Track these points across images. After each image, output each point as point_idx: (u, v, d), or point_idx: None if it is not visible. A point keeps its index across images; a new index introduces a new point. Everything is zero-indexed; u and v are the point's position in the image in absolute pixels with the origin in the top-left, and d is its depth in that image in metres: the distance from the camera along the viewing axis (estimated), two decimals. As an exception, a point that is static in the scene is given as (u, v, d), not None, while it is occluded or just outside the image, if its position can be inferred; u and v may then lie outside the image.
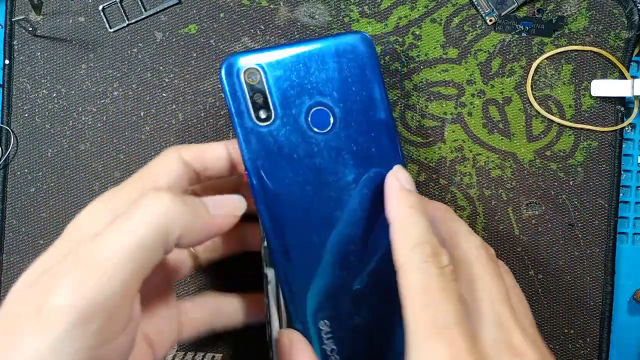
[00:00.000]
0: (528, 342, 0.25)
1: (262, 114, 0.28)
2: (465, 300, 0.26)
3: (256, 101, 0.27)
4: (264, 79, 0.28)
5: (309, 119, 0.28)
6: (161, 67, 0.36)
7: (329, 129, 0.28)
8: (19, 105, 0.36)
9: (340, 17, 0.37)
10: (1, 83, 0.36)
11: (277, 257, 0.28)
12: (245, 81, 0.27)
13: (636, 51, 0.38)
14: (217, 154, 0.28)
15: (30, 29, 0.35)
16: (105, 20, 0.36)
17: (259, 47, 0.37)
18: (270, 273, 0.29)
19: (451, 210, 0.30)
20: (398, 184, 0.28)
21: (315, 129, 0.28)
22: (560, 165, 0.38)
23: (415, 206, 0.27)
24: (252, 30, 0.37)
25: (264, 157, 0.28)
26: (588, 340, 0.38)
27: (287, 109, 0.28)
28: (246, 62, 0.27)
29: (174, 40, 0.36)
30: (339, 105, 0.28)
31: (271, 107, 0.28)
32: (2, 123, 0.36)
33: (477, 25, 0.37)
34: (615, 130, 0.38)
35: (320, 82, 0.28)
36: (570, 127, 0.38)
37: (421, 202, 0.28)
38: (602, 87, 0.37)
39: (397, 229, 0.26)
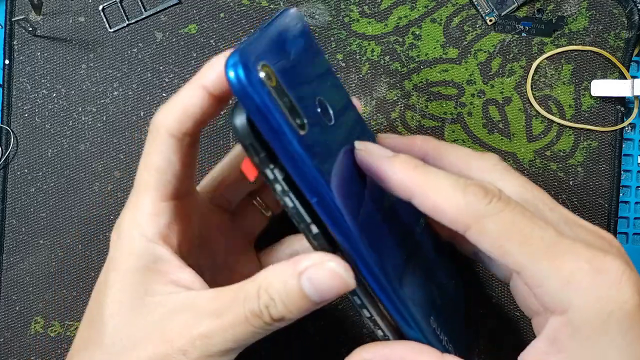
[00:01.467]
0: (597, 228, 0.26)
1: (298, 120, 0.22)
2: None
3: (287, 106, 0.21)
4: (277, 77, 0.21)
5: (319, 110, 0.23)
6: (161, 67, 0.36)
7: (333, 119, 0.24)
8: (19, 105, 0.36)
9: (340, 17, 0.37)
10: (1, 83, 0.36)
11: (373, 267, 0.24)
12: (268, 84, 0.21)
13: (636, 51, 0.38)
14: (195, 103, 0.24)
15: (30, 29, 0.35)
16: (105, 20, 0.36)
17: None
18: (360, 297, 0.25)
19: (429, 137, 0.29)
20: (378, 156, 0.24)
21: (328, 122, 0.24)
22: (560, 165, 0.38)
23: (417, 164, 0.24)
24: (252, 30, 0.37)
25: (326, 172, 0.22)
26: (588, 340, 0.38)
27: (306, 106, 0.22)
28: (254, 60, 0.21)
29: (174, 40, 0.36)
30: (323, 88, 0.25)
31: (298, 109, 0.22)
32: (2, 123, 0.36)
33: (477, 25, 0.37)
34: (615, 130, 0.38)
35: (306, 67, 0.24)
36: (570, 127, 0.38)
37: (412, 158, 0.24)
38: (602, 87, 0.37)
39: (427, 195, 0.23)
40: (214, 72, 0.24)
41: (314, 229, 0.23)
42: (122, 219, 0.26)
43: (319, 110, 0.23)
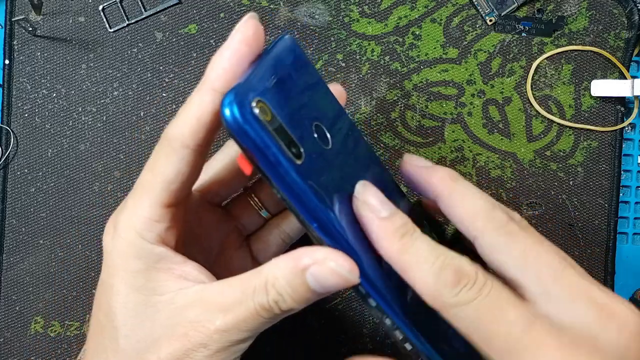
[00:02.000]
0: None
1: (294, 150, 0.22)
2: None
3: (283, 138, 0.22)
4: (272, 111, 0.22)
5: (316, 136, 0.24)
6: (161, 67, 0.36)
7: (330, 143, 0.25)
8: (19, 105, 0.36)
9: (340, 17, 0.37)
10: (1, 83, 0.36)
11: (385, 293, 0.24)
12: (263, 119, 0.21)
13: (636, 51, 0.38)
14: (207, 109, 0.24)
15: (30, 29, 0.35)
16: (105, 20, 0.36)
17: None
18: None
19: (447, 176, 0.26)
20: (371, 215, 0.24)
21: (325, 146, 0.24)
22: (560, 165, 0.38)
23: (406, 232, 0.24)
24: (252, 30, 0.37)
25: (326, 196, 0.23)
26: (588, 340, 0.38)
27: (302, 134, 0.23)
28: (248, 96, 0.21)
29: (174, 40, 0.36)
30: (321, 111, 0.25)
31: (295, 139, 0.22)
32: (2, 123, 0.36)
33: (477, 25, 0.37)
34: (615, 130, 0.38)
35: (303, 94, 0.24)
36: (570, 127, 0.38)
37: (405, 221, 0.24)
38: (602, 87, 0.37)
39: (405, 271, 0.23)
40: (217, 71, 0.24)
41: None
42: (118, 220, 0.25)
43: (315, 136, 0.24)
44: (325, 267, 0.22)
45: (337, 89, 0.28)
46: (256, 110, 0.21)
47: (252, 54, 0.23)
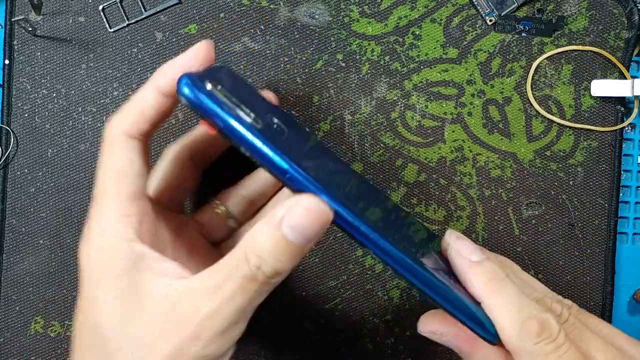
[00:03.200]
0: None
1: (252, 114, 0.24)
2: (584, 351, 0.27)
3: (238, 104, 0.24)
4: (224, 88, 0.24)
5: (269, 120, 0.26)
6: (161, 67, 0.36)
7: (285, 131, 0.26)
8: (19, 105, 0.36)
9: (340, 17, 0.37)
10: (1, 83, 0.36)
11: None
12: (218, 91, 0.24)
13: (636, 51, 0.38)
14: (150, 104, 0.26)
15: (30, 29, 0.35)
16: (105, 20, 0.36)
17: (261, 47, 0.37)
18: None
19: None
20: (464, 259, 0.28)
21: (279, 129, 0.26)
22: (560, 165, 0.38)
23: (495, 276, 0.27)
24: (252, 30, 0.37)
25: (290, 154, 0.24)
26: (588, 340, 0.38)
27: (255, 111, 0.25)
28: (202, 79, 0.24)
29: (174, 40, 0.36)
30: (266, 106, 0.28)
31: (248, 108, 0.25)
32: (2, 123, 0.36)
33: (477, 25, 0.37)
34: (615, 130, 0.38)
35: (247, 92, 0.27)
36: (570, 127, 0.38)
37: (495, 268, 0.27)
38: (602, 87, 0.37)
39: (492, 309, 0.26)
40: (164, 72, 0.26)
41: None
42: (88, 234, 0.25)
43: (269, 119, 0.26)
44: (298, 210, 0.23)
45: (269, 95, 0.31)
46: (209, 85, 0.24)
47: (198, 68, 0.26)
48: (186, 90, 0.24)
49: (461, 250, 0.28)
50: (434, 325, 0.29)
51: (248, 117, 0.24)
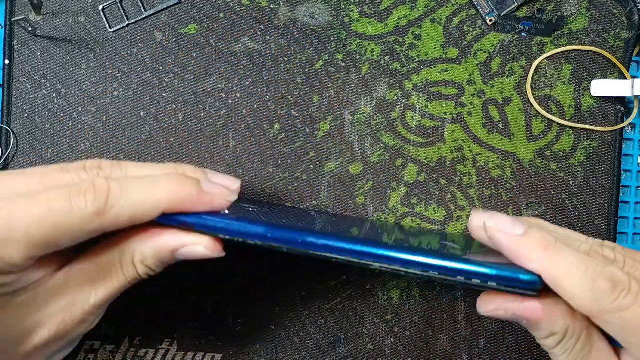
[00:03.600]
0: None
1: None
2: None
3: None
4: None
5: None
6: (161, 67, 0.36)
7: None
8: (19, 105, 0.36)
9: (340, 17, 0.37)
10: (1, 83, 0.36)
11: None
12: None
13: (636, 51, 0.38)
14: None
15: (30, 29, 0.35)
16: (105, 20, 0.36)
17: (261, 47, 0.37)
18: None
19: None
20: (508, 235, 0.26)
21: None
22: (560, 165, 0.38)
23: (549, 243, 0.25)
24: (252, 30, 0.37)
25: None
26: (588, 340, 0.38)
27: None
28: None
29: (174, 40, 0.36)
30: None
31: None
32: (2, 123, 0.36)
33: (477, 25, 0.37)
34: (615, 130, 0.38)
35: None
36: (570, 127, 0.38)
37: (544, 235, 0.25)
38: (602, 87, 0.37)
39: (557, 279, 0.25)
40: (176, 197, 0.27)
41: None
42: None
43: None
44: (193, 250, 0.26)
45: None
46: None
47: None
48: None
49: (501, 226, 0.26)
50: (493, 303, 0.27)
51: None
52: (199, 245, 0.27)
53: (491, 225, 0.26)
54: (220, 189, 0.27)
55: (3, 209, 0.24)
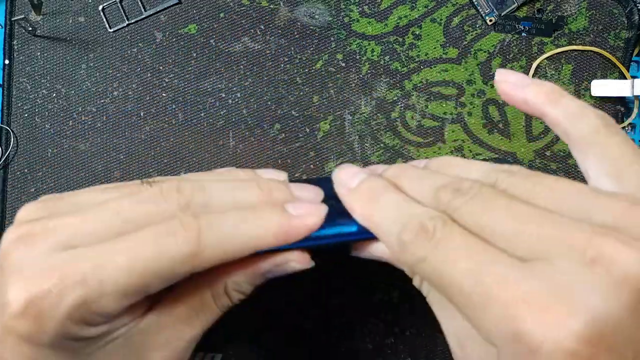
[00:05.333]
0: None
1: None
2: None
3: None
4: None
5: None
6: (161, 67, 0.36)
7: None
8: (19, 105, 0.36)
9: (340, 17, 0.37)
10: (1, 83, 0.36)
11: None
12: None
13: (636, 51, 0.38)
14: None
15: (30, 29, 0.35)
16: (105, 20, 0.36)
17: (261, 47, 0.37)
18: None
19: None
20: (344, 189, 0.26)
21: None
22: (560, 165, 0.38)
23: (372, 195, 0.24)
24: (252, 30, 0.37)
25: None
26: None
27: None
28: None
29: (174, 40, 0.36)
30: None
31: None
32: (2, 123, 0.36)
33: (477, 25, 0.37)
34: (615, 130, 0.38)
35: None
36: (570, 127, 0.38)
37: (372, 185, 0.25)
38: (602, 87, 0.37)
39: (376, 232, 0.24)
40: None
41: None
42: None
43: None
44: (285, 267, 0.25)
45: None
46: None
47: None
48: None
49: (341, 180, 0.26)
50: (361, 250, 0.26)
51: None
52: (291, 262, 0.25)
53: (334, 180, 0.26)
54: (307, 207, 0.25)
55: (89, 259, 0.22)
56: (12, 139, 0.36)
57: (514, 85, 0.25)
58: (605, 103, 0.38)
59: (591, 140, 0.23)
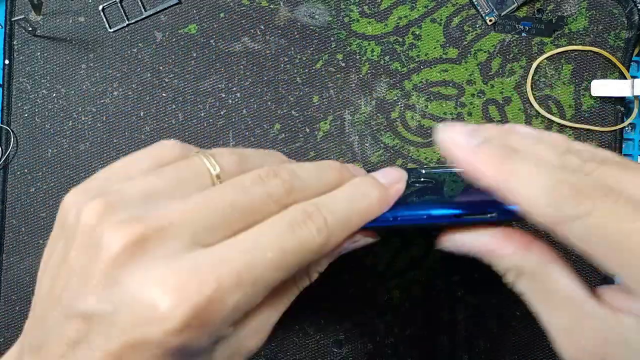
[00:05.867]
0: None
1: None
2: None
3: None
4: None
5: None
6: (161, 67, 0.36)
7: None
8: (19, 105, 0.36)
9: (340, 17, 0.37)
10: (1, 83, 0.36)
11: None
12: None
13: (636, 51, 0.38)
14: None
15: (30, 29, 0.35)
16: (105, 20, 0.36)
17: (261, 47, 0.37)
18: None
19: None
20: (463, 149, 0.23)
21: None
22: (560, 165, 0.37)
23: (506, 155, 0.22)
24: (252, 30, 0.37)
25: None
26: (588, 340, 0.38)
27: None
28: None
29: (174, 40, 0.36)
30: None
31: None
32: (2, 123, 0.36)
33: (477, 25, 0.37)
34: (615, 130, 0.38)
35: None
36: (570, 127, 0.38)
37: (497, 145, 0.23)
38: (602, 87, 0.37)
39: (514, 192, 0.22)
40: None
41: None
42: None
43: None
44: (359, 242, 0.26)
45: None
46: None
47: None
48: None
49: (455, 139, 0.23)
50: (452, 239, 0.26)
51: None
52: (364, 237, 0.26)
53: (445, 139, 0.24)
54: (392, 173, 0.26)
55: (238, 257, 0.21)
56: (12, 139, 0.36)
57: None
58: (605, 103, 0.38)
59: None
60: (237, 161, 0.24)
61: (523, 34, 0.37)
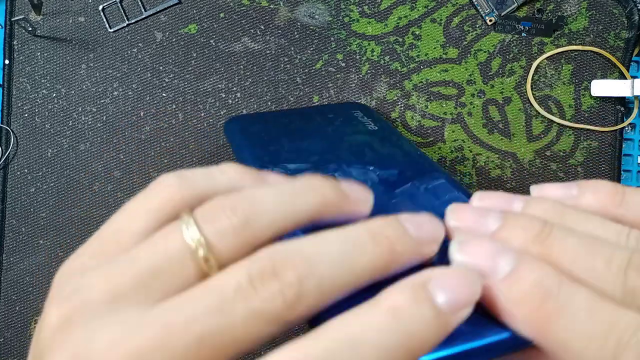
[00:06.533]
0: None
1: None
2: None
3: None
4: None
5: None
6: (161, 67, 0.36)
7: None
8: (19, 105, 0.36)
9: (340, 17, 0.37)
10: (1, 83, 0.36)
11: None
12: None
13: (636, 51, 0.38)
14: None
15: (30, 29, 0.35)
16: (105, 20, 0.36)
17: (261, 47, 0.37)
18: None
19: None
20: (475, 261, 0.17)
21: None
22: (560, 165, 0.38)
23: (547, 295, 0.16)
24: (252, 30, 0.37)
25: None
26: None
27: None
28: None
29: (174, 40, 0.36)
30: None
31: None
32: (2, 123, 0.36)
33: (477, 25, 0.37)
34: (615, 130, 0.38)
35: None
36: (570, 127, 0.38)
37: (539, 273, 0.16)
38: (602, 87, 0.37)
39: (554, 346, 0.16)
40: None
41: None
42: None
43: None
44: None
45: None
46: None
47: None
48: None
49: (473, 255, 0.17)
50: None
51: None
52: None
53: (460, 259, 0.17)
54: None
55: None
56: (12, 139, 0.36)
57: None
58: (605, 103, 0.38)
59: None
60: (237, 230, 0.17)
61: (523, 34, 0.37)
